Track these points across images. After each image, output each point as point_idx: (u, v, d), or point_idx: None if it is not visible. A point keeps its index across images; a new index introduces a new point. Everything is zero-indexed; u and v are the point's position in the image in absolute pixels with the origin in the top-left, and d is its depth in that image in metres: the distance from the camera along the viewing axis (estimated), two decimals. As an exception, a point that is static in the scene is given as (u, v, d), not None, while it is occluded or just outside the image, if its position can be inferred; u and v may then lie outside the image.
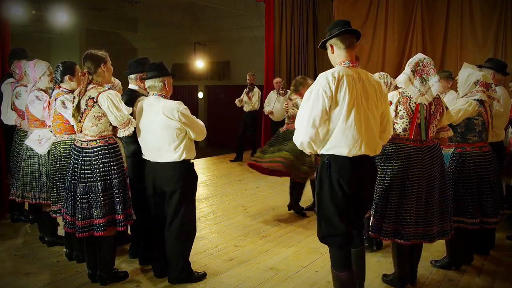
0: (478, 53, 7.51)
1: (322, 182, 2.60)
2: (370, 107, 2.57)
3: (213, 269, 3.61)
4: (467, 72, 3.48)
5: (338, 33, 2.57)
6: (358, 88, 2.52)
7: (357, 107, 2.50)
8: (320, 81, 2.52)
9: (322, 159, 2.61)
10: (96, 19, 13.80)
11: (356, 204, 2.66)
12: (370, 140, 2.57)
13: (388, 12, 8.56)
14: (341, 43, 2.58)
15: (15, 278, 3.40)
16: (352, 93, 2.49)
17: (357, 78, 2.55)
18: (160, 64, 3.24)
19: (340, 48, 2.60)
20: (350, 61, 2.59)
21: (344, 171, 2.54)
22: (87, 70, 3.10)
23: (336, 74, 2.50)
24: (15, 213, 4.75)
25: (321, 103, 2.48)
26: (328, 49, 2.66)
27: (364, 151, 2.54)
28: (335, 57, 2.64)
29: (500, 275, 3.54)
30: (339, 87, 2.47)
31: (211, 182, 7.01)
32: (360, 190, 2.64)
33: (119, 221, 3.15)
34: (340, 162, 2.54)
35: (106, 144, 3.14)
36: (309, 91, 2.57)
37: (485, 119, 3.37)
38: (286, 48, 9.21)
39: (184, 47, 14.69)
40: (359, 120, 2.51)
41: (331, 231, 2.62)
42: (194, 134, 3.21)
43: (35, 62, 3.90)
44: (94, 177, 3.08)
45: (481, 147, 3.41)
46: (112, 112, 3.06)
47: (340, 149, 2.53)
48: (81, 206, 3.09)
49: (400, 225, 3.02)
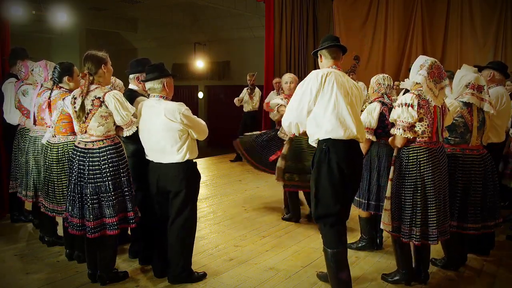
0: (478, 53, 7.52)
1: (320, 166, 2.85)
2: (353, 102, 2.90)
3: (213, 269, 3.61)
4: (460, 74, 3.50)
5: (328, 46, 2.99)
6: (344, 83, 2.89)
7: (345, 95, 2.85)
8: (311, 75, 2.92)
9: (320, 146, 2.87)
10: (96, 19, 13.80)
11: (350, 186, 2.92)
12: (359, 126, 2.89)
13: (388, 12, 8.57)
14: (328, 54, 3.00)
15: (15, 278, 3.40)
16: (339, 85, 2.85)
17: (342, 75, 2.94)
18: (159, 65, 3.22)
19: (327, 58, 3.01)
20: (336, 66, 2.99)
21: (341, 153, 2.82)
22: (88, 71, 3.11)
23: (326, 71, 2.90)
24: (15, 213, 4.74)
25: (309, 92, 2.86)
26: (319, 57, 3.08)
27: (356, 134, 2.83)
28: (323, 65, 3.05)
29: (500, 275, 3.54)
30: (328, 80, 2.85)
31: (211, 182, 7.01)
32: (353, 172, 2.90)
33: (130, 218, 3.19)
34: (337, 146, 2.82)
35: (113, 144, 3.15)
36: (302, 83, 2.94)
37: (467, 120, 3.34)
38: (286, 48, 9.21)
39: (184, 47, 14.68)
40: (347, 106, 2.83)
41: (326, 211, 2.87)
42: (196, 134, 3.22)
43: (47, 62, 3.90)
44: (103, 177, 3.09)
45: (463, 149, 3.38)
46: (119, 112, 3.07)
47: (336, 132, 2.81)
48: (92, 207, 3.09)
49: (429, 227, 3.06)
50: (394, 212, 3.11)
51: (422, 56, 3.20)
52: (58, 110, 3.50)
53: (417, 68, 3.11)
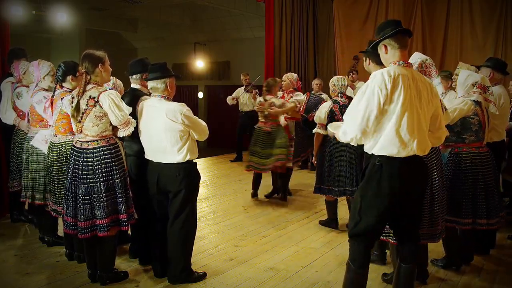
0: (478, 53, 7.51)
1: (370, 182, 2.58)
2: (422, 107, 2.56)
3: (213, 269, 3.61)
4: (466, 74, 3.52)
5: (393, 33, 2.57)
6: (412, 88, 2.52)
7: (411, 106, 2.49)
8: (376, 79, 2.50)
9: (373, 161, 2.58)
10: (96, 19, 13.79)
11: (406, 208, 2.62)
12: (421, 140, 2.55)
13: (388, 12, 8.55)
14: (395, 43, 2.58)
15: (15, 278, 3.40)
16: (407, 93, 2.48)
17: (411, 78, 2.54)
18: (163, 65, 3.22)
19: (394, 48, 2.59)
20: (404, 61, 2.59)
21: (395, 172, 2.52)
22: (85, 70, 3.10)
23: (392, 73, 2.48)
24: (15, 213, 4.74)
25: (377, 99, 2.46)
26: (382, 49, 2.65)
27: (416, 150, 2.53)
28: (388, 57, 2.63)
29: (500, 275, 3.54)
30: (395, 86, 2.46)
31: (211, 182, 7.01)
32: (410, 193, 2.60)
33: (122, 221, 3.16)
34: (392, 164, 2.53)
35: (107, 145, 3.14)
36: (364, 87, 2.55)
37: (481, 119, 3.38)
38: (286, 48, 9.20)
39: (184, 47, 14.67)
40: (411, 120, 2.50)
41: (366, 231, 2.61)
42: (197, 135, 3.22)
43: (40, 61, 3.89)
44: (96, 178, 3.08)
45: (478, 147, 3.42)
46: (113, 112, 3.06)
47: (392, 149, 2.51)
48: (83, 207, 3.08)
49: (432, 227, 3.06)
50: None
51: (419, 54, 3.20)
52: (57, 110, 3.50)
53: None
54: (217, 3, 10.77)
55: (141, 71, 3.54)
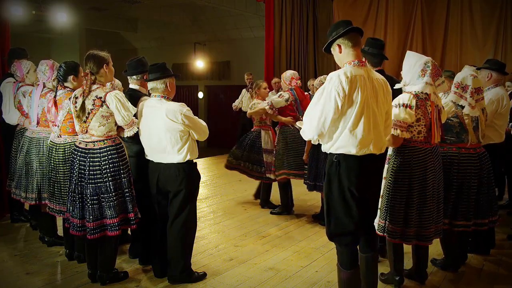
0: (478, 53, 7.53)
1: (331, 181, 2.62)
2: (378, 106, 2.60)
3: (213, 269, 3.61)
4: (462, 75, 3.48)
5: (345, 32, 2.56)
6: (369, 87, 2.54)
7: (367, 107, 2.52)
8: (333, 81, 2.51)
9: (331, 158, 2.63)
10: (96, 19, 13.79)
11: (364, 202, 2.66)
12: (377, 139, 2.60)
13: (388, 12, 8.56)
14: (348, 41, 2.58)
15: (15, 278, 3.40)
16: (364, 93, 2.50)
17: (367, 78, 2.56)
18: (162, 65, 3.22)
19: (347, 46, 2.59)
20: (359, 60, 2.59)
21: (353, 169, 2.57)
22: (90, 71, 3.10)
23: (349, 74, 2.50)
24: (15, 213, 4.74)
25: (333, 102, 2.48)
26: (335, 49, 2.65)
27: (372, 150, 2.58)
28: (343, 57, 2.63)
29: (500, 275, 3.54)
30: (352, 88, 2.48)
31: (211, 182, 7.02)
32: (367, 188, 2.65)
33: (131, 219, 3.18)
34: (349, 161, 2.57)
35: (114, 144, 3.15)
36: (321, 90, 2.56)
37: (462, 120, 3.32)
38: (286, 48, 9.20)
39: (184, 47, 14.67)
40: (368, 120, 2.53)
41: (340, 230, 2.65)
42: (197, 135, 3.22)
43: (54, 63, 3.83)
44: (104, 178, 3.08)
45: (459, 148, 3.35)
46: (119, 112, 3.07)
47: (349, 148, 2.55)
48: (92, 208, 3.09)
49: (422, 228, 3.04)
50: (385, 211, 3.06)
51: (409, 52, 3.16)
52: (65, 110, 3.47)
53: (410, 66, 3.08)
54: (217, 3, 10.77)
55: (141, 71, 3.53)
